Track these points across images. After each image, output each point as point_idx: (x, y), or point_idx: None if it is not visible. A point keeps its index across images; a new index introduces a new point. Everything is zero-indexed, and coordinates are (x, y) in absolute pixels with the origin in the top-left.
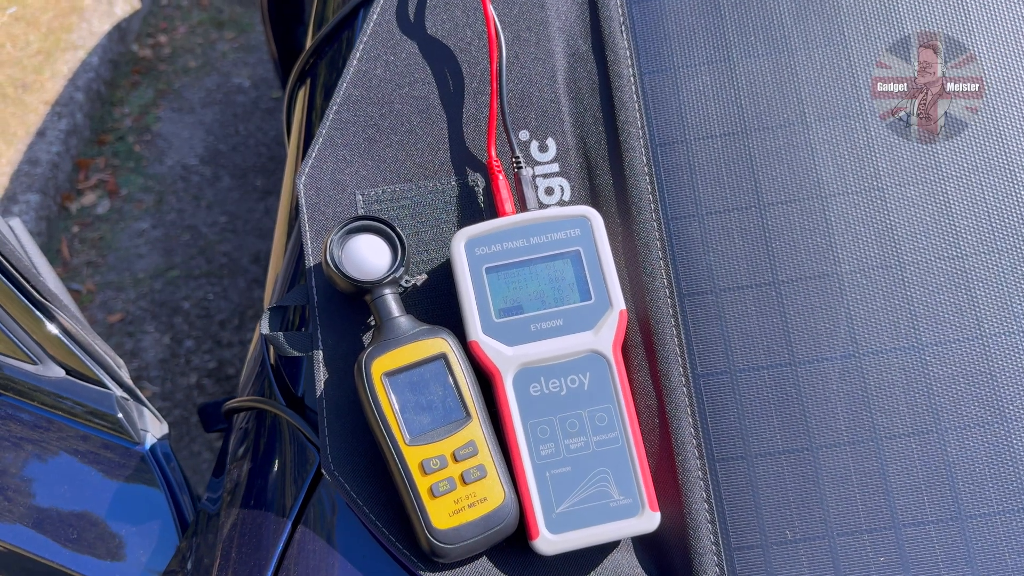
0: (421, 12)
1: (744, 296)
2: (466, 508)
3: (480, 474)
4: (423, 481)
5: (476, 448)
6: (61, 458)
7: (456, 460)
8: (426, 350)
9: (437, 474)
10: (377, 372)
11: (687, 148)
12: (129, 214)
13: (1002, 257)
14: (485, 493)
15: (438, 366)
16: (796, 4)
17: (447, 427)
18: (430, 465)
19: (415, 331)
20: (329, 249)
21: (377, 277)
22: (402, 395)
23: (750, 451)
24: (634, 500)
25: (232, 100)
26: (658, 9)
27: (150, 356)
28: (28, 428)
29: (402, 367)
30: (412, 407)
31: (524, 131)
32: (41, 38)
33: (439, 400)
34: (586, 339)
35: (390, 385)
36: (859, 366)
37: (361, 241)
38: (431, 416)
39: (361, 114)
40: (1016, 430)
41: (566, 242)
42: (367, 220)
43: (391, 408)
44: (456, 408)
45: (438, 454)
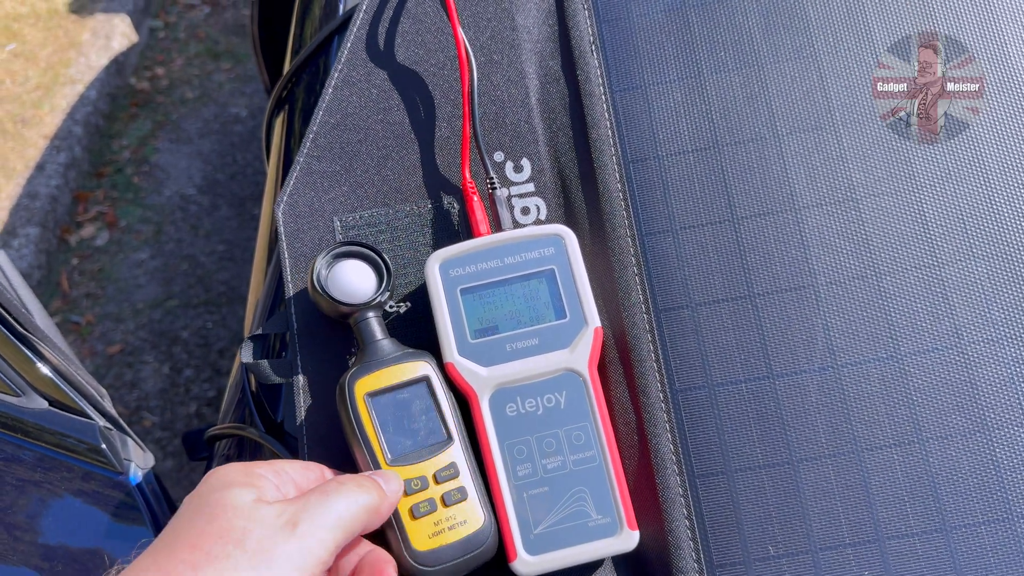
0: (393, 38)
1: (720, 310)
2: (446, 530)
3: (461, 496)
4: (404, 502)
5: (457, 470)
6: (43, 489)
7: (437, 482)
8: (409, 372)
9: (418, 495)
10: (360, 392)
11: (660, 164)
12: (128, 245)
13: (979, 264)
14: (465, 516)
15: (421, 388)
16: (765, 19)
17: (429, 448)
18: (411, 486)
19: (398, 354)
20: (316, 272)
21: (362, 301)
22: (384, 416)
23: (730, 466)
24: (612, 519)
25: (229, 130)
26: (628, 28)
27: (149, 386)
28: (10, 459)
29: (385, 388)
30: (394, 428)
31: (499, 152)
32: (40, 73)
33: (421, 422)
34: (562, 357)
35: (372, 406)
36: (838, 378)
37: (347, 266)
38: (413, 438)
39: (337, 141)
40: (998, 439)
41: (540, 261)
42: (354, 245)
43: (373, 428)
44: (438, 430)
45: (419, 475)
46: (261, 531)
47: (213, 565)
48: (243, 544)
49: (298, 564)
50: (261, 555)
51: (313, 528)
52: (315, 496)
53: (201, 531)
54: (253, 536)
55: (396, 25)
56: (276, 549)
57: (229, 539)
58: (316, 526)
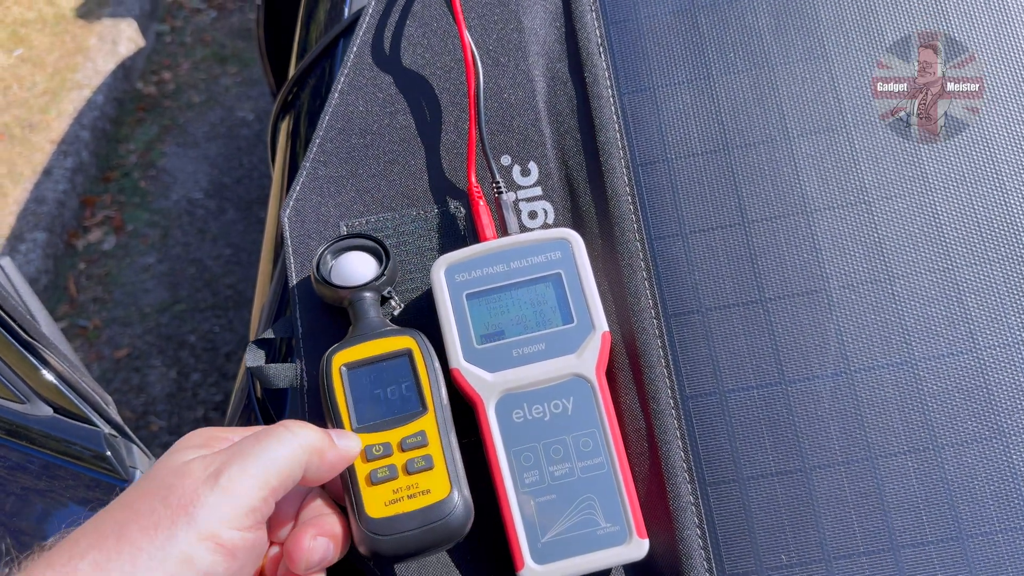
0: (399, 42)
1: (731, 315)
2: (405, 499)
3: (425, 464)
4: (362, 468)
5: (426, 439)
6: (48, 497)
7: (402, 449)
8: (391, 345)
9: (378, 461)
10: (337, 364)
11: (669, 167)
12: (135, 249)
13: (994, 268)
14: (429, 485)
15: (402, 362)
16: (775, 19)
17: (399, 418)
18: (372, 452)
19: (385, 329)
20: (319, 259)
21: (358, 283)
22: (358, 386)
23: (742, 474)
24: (621, 527)
25: (236, 133)
26: (636, 29)
27: (157, 390)
28: (15, 467)
29: (363, 360)
30: (367, 398)
31: (506, 156)
32: (47, 78)
33: (396, 394)
34: (569, 363)
35: (348, 376)
36: (851, 383)
37: (349, 255)
38: (386, 407)
39: (343, 146)
40: (1015, 445)
41: (547, 265)
42: (357, 238)
43: (344, 397)
44: (413, 402)
45: (383, 441)
46: (185, 485)
47: (138, 522)
48: (167, 500)
49: (222, 515)
50: (182, 509)
51: (240, 476)
52: (247, 443)
53: (137, 493)
54: (176, 491)
55: (402, 28)
56: (198, 501)
57: (156, 496)
58: (243, 473)
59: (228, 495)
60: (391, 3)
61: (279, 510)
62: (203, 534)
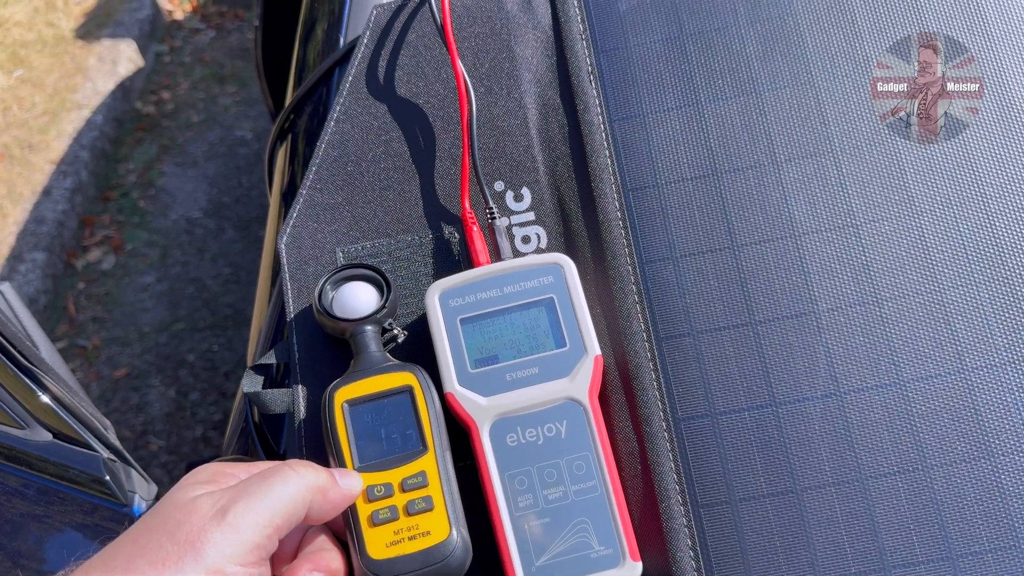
0: (393, 71)
1: (722, 338)
2: (406, 540)
3: (425, 506)
4: (364, 508)
5: (426, 480)
6: (47, 522)
7: (402, 490)
8: (392, 382)
9: (379, 502)
10: (339, 400)
11: (659, 192)
12: (134, 269)
13: (980, 289)
14: (429, 527)
15: (403, 399)
16: (762, 47)
17: (400, 457)
18: (374, 492)
19: (385, 364)
20: (320, 290)
21: (360, 315)
22: (360, 423)
23: (734, 495)
24: (615, 550)
25: (235, 152)
26: (626, 58)
27: (156, 410)
28: (14, 492)
29: (365, 397)
30: (369, 435)
31: (499, 181)
32: (47, 99)
33: (398, 431)
34: (562, 386)
35: (350, 413)
36: (841, 405)
37: (351, 285)
38: (387, 446)
39: (339, 173)
40: (1003, 465)
41: (539, 290)
42: (358, 268)
43: (346, 435)
44: (414, 440)
45: (384, 482)
46: (193, 521)
47: (146, 556)
48: (174, 535)
49: (227, 552)
50: (189, 545)
51: (245, 513)
52: (253, 481)
53: (144, 527)
54: (184, 527)
55: (396, 58)
56: (205, 537)
57: (163, 531)
58: (249, 511)
59: (234, 532)
60: (385, 33)
61: (282, 545)
62: (209, 569)
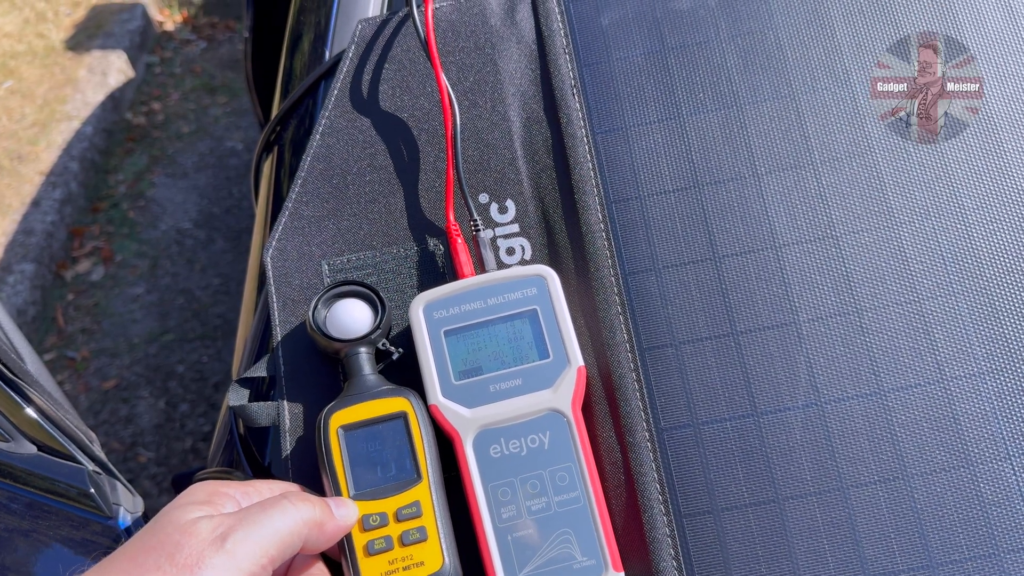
0: (378, 84)
1: (704, 348)
2: (400, 571)
3: (419, 536)
4: (360, 537)
5: (420, 510)
6: (31, 536)
7: (397, 520)
8: (387, 407)
9: (375, 532)
10: (334, 425)
11: (642, 204)
12: (123, 280)
13: (959, 300)
14: (423, 557)
15: (397, 425)
16: (743, 60)
17: (395, 485)
18: (369, 522)
19: (380, 389)
20: (314, 308)
21: (354, 336)
22: (355, 450)
23: (716, 505)
24: (598, 561)
25: (225, 163)
26: (608, 71)
27: (145, 422)
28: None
29: (360, 422)
30: (364, 462)
31: (484, 194)
32: (36, 110)
33: (393, 458)
34: (545, 397)
35: (344, 439)
36: (822, 415)
37: (344, 303)
38: (382, 473)
39: (324, 186)
40: (982, 474)
41: (523, 301)
42: (352, 285)
43: (341, 461)
44: (408, 468)
45: (379, 511)
46: (192, 544)
47: None
48: (173, 558)
49: None
50: (187, 568)
51: (244, 541)
52: (253, 509)
53: (141, 546)
54: (184, 550)
55: (381, 71)
56: (203, 562)
57: (162, 552)
58: (247, 540)
59: (231, 559)
60: (370, 47)
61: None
62: None
